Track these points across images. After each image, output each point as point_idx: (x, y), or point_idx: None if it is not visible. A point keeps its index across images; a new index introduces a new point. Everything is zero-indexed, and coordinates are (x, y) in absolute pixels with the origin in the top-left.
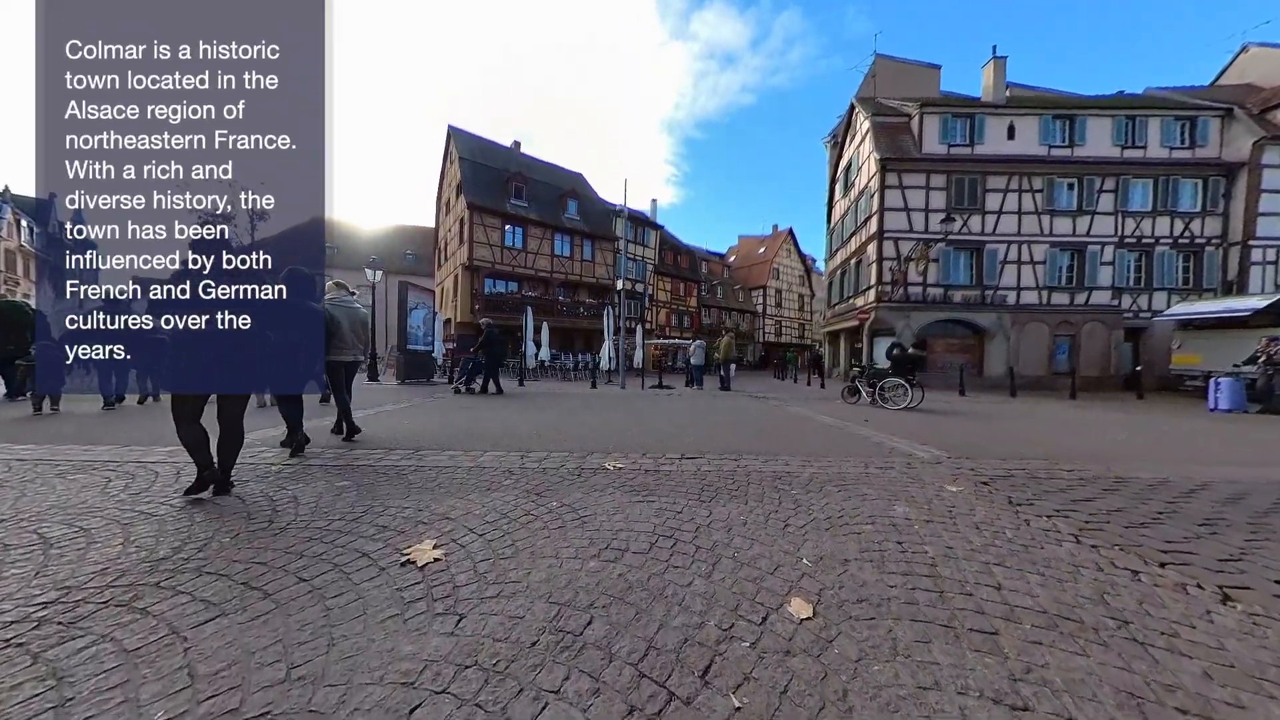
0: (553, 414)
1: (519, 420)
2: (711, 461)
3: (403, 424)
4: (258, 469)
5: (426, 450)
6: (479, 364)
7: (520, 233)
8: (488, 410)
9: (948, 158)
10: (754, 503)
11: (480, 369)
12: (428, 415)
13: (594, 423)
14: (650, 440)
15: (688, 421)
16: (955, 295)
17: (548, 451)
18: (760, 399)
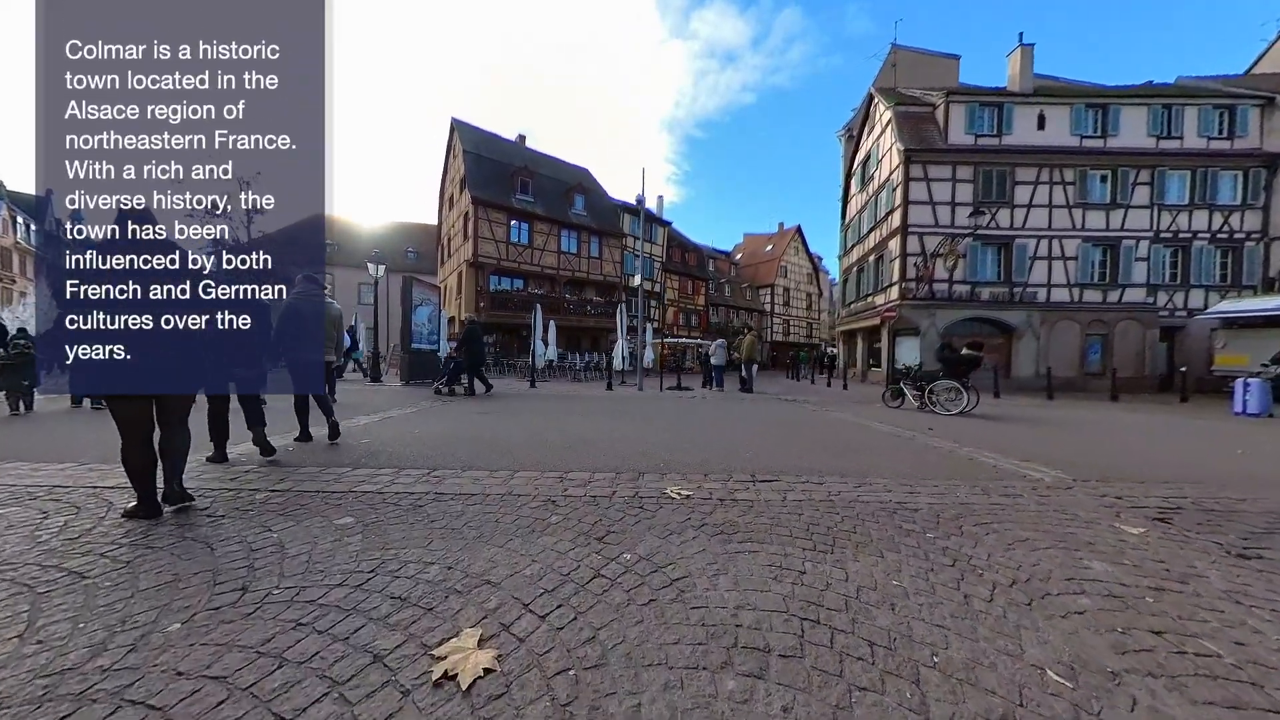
0: (578, 420)
1: (544, 429)
2: (794, 486)
3: (412, 432)
4: (240, 495)
5: (444, 470)
6: (460, 364)
7: (526, 228)
8: (508, 416)
9: (974, 148)
10: (890, 554)
11: (461, 369)
12: (439, 422)
13: (628, 432)
14: (704, 455)
15: (732, 430)
16: (983, 292)
17: (589, 471)
18: (791, 402)
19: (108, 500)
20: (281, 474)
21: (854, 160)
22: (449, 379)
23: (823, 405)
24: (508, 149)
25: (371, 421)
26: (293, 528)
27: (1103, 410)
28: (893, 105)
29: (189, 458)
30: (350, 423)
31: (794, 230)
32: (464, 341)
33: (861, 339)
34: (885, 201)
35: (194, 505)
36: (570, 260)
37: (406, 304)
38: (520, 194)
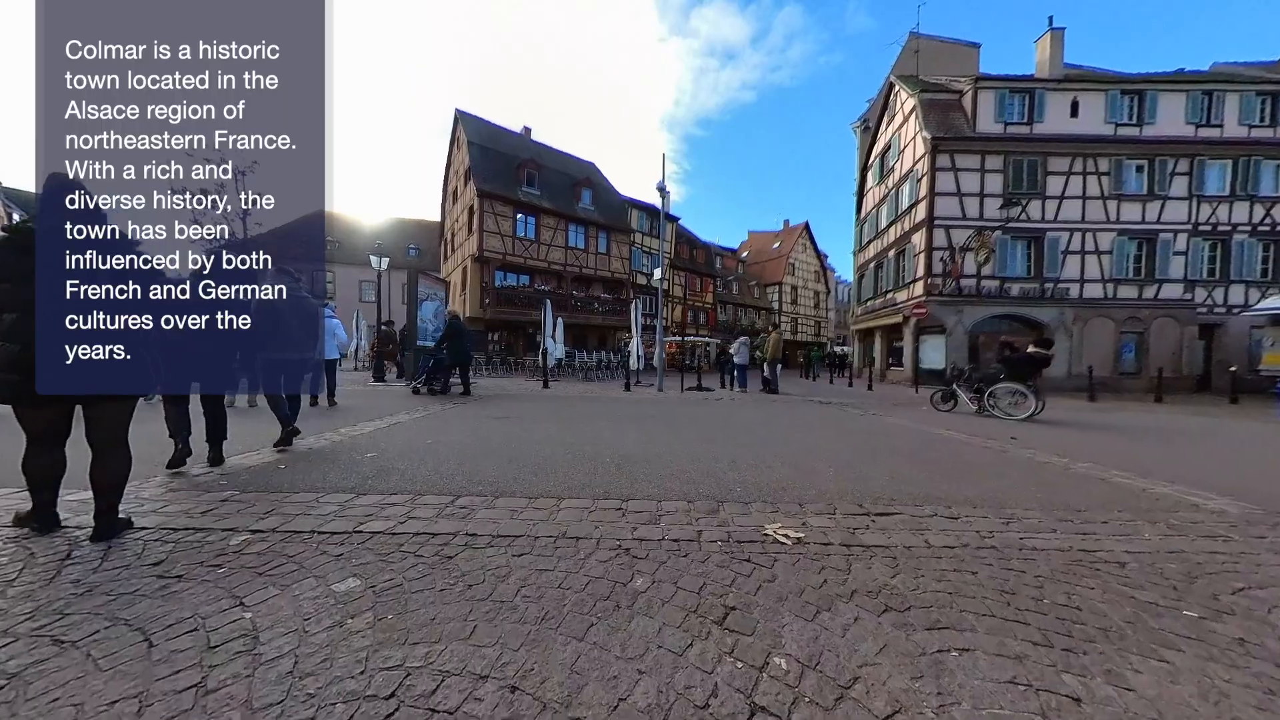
0: (608, 428)
1: (575, 438)
2: (926, 522)
3: (424, 443)
4: (208, 537)
5: (471, 496)
6: (441, 361)
7: (533, 222)
8: (529, 423)
9: (1004, 137)
10: (1171, 653)
11: (443, 366)
12: (453, 429)
13: (672, 442)
14: (779, 474)
15: (790, 440)
16: (1012, 288)
17: (654, 499)
18: (827, 404)
19: (28, 549)
20: (269, 502)
21: (870, 153)
22: (428, 377)
23: (864, 408)
24: (513, 141)
25: (377, 428)
26: (274, 598)
27: (1160, 413)
28: (917, 93)
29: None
30: (354, 430)
31: (801, 227)
32: (446, 337)
33: (880, 337)
34: (908, 194)
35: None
36: (578, 256)
37: (412, 299)
38: (527, 187)
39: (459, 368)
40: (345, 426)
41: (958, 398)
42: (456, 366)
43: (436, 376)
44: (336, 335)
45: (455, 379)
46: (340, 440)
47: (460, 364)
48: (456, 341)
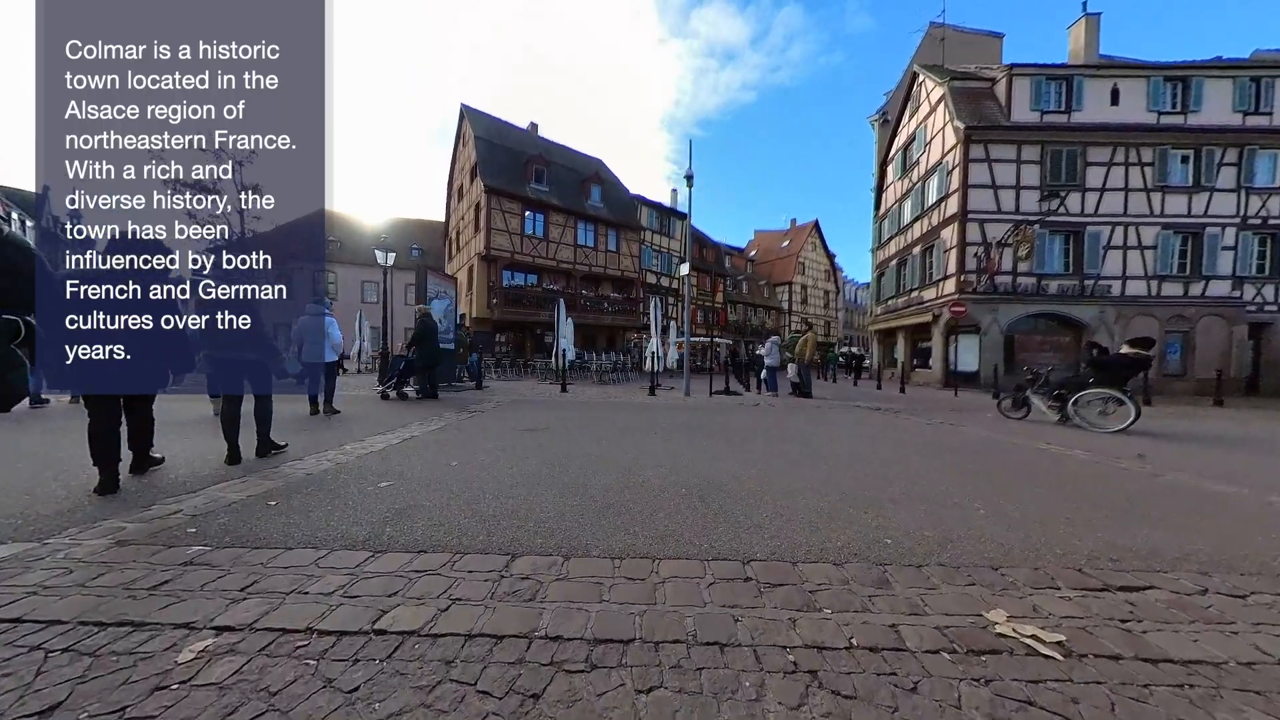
0: (656, 442)
1: (625, 458)
2: (1226, 609)
3: (447, 464)
4: (141, 660)
5: (533, 556)
6: (411, 363)
7: (541, 219)
8: (562, 437)
9: (1041, 126)
10: None
11: (413, 370)
12: (478, 446)
13: (743, 463)
14: (923, 519)
15: (883, 460)
16: (1050, 285)
17: (787, 561)
18: (879, 411)
19: None
20: (248, 569)
21: (891, 146)
22: (397, 380)
23: (920, 414)
24: (520, 137)
25: (389, 444)
26: None
27: (1246, 420)
28: (946, 81)
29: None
30: (361, 446)
31: (811, 226)
32: (418, 337)
33: (904, 338)
34: (936, 187)
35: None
36: (587, 254)
37: (421, 297)
38: (535, 183)
39: (426, 371)
40: (351, 442)
41: (1030, 405)
42: (427, 369)
43: (406, 380)
44: (330, 336)
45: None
46: (346, 461)
47: (428, 367)
48: (426, 343)
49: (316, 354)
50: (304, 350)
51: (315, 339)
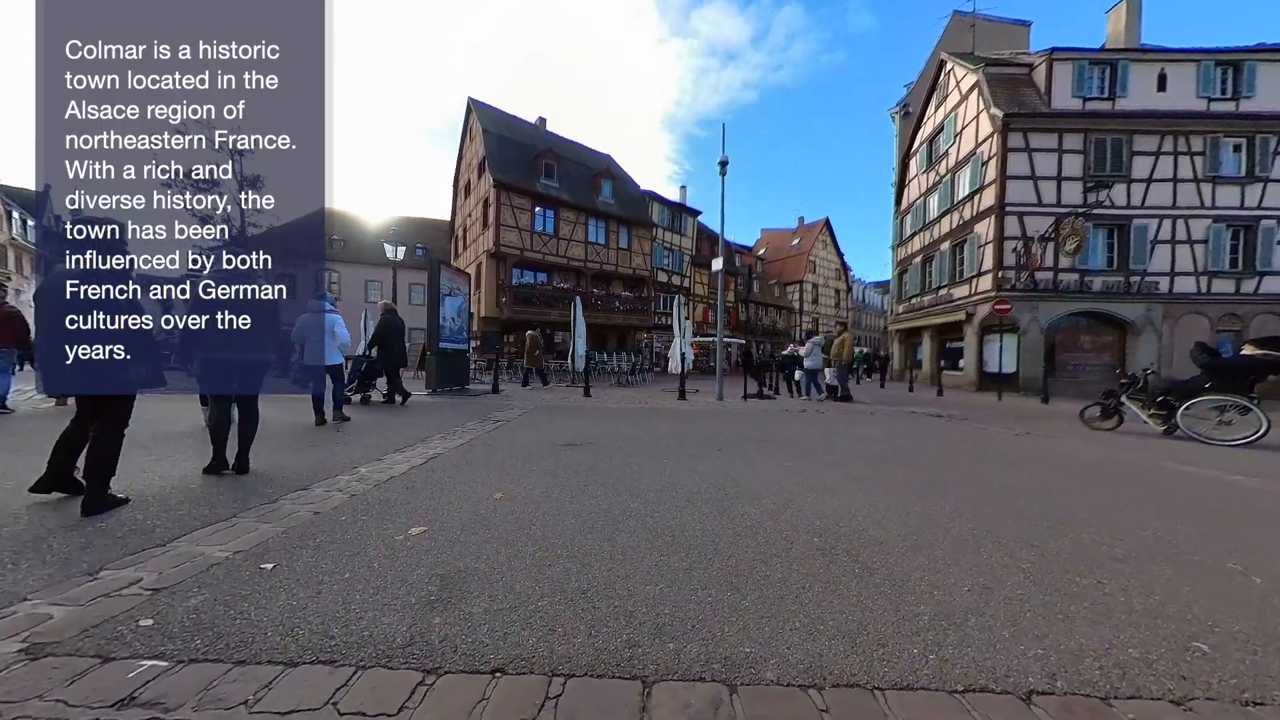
0: (730, 463)
1: (707, 485)
2: None
3: (489, 497)
4: None
5: (673, 680)
6: (374, 365)
7: (551, 216)
8: (618, 454)
9: (1084, 113)
10: None
11: (376, 373)
12: (516, 468)
13: (856, 492)
14: (1190, 594)
15: (1025, 489)
16: (1094, 282)
17: (1108, 700)
18: (945, 418)
19: None
20: (223, 716)
21: (914, 139)
22: (359, 384)
23: (989, 422)
24: (529, 131)
25: (412, 463)
26: None
27: None
28: (980, 67)
29: None
30: (378, 469)
31: (821, 224)
32: (380, 336)
33: (930, 338)
34: (969, 179)
35: None
36: (598, 251)
37: (434, 292)
38: (545, 179)
39: (389, 374)
40: (367, 463)
41: (1121, 414)
42: (391, 371)
43: (370, 384)
44: (336, 335)
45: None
46: (362, 492)
47: (392, 369)
48: (391, 343)
49: (318, 355)
50: (305, 351)
51: (317, 338)
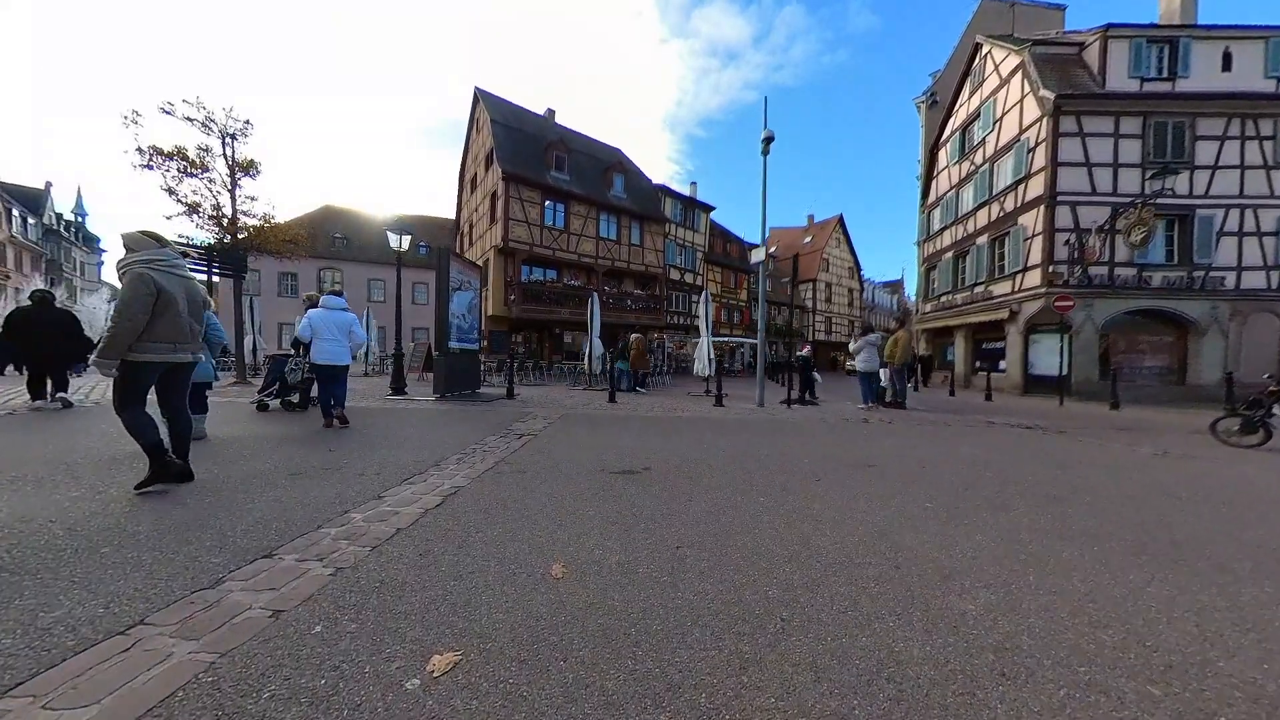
0: (849, 500)
1: (834, 545)
2: None
3: (547, 578)
4: None
5: None
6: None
7: (562, 210)
8: (688, 486)
9: (1142, 95)
10: None
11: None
12: (564, 511)
13: (1069, 565)
14: None
15: (1233, 543)
16: (1153, 277)
17: None
18: (1041, 431)
19: None
20: None
21: (943, 129)
22: (280, 387)
23: (1090, 436)
24: (538, 123)
25: (424, 505)
26: None
27: None
28: (1026, 47)
29: None
30: (379, 514)
31: (835, 221)
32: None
33: (964, 338)
34: (1012, 167)
35: None
36: (609, 248)
37: (443, 286)
38: (555, 171)
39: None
40: (362, 503)
41: (1270, 428)
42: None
43: (292, 388)
44: (354, 335)
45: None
46: (352, 564)
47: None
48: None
49: (335, 354)
50: (316, 349)
51: (331, 335)
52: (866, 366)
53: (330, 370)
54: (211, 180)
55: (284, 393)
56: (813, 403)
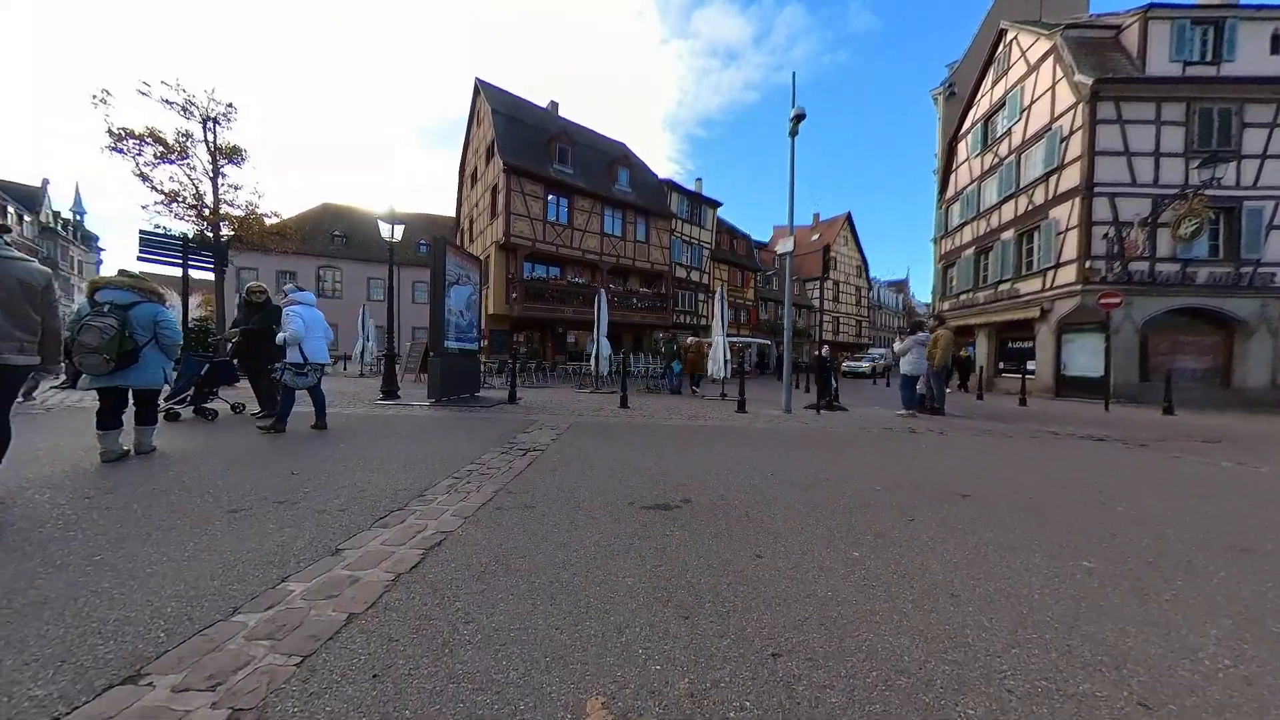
0: (1013, 576)
1: (984, 637)
2: None
3: None
4: None
5: None
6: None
7: (565, 204)
8: (770, 554)
9: (1185, 79)
10: None
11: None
12: (597, 570)
13: None
14: None
15: None
16: (1197, 273)
17: None
18: (1117, 443)
19: None
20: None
21: (963, 120)
22: (195, 392)
23: (1169, 448)
24: (541, 115)
25: (397, 568)
26: None
27: None
28: (1060, 30)
29: None
30: (331, 589)
31: (843, 219)
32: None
33: (987, 337)
34: (1043, 158)
35: None
36: (614, 244)
37: (438, 279)
38: (558, 164)
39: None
40: (311, 564)
41: None
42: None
43: (210, 393)
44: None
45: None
46: (265, 678)
47: (254, 374)
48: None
49: (325, 353)
50: (310, 349)
51: (318, 333)
52: (913, 369)
53: (320, 371)
54: (192, 168)
55: (196, 400)
56: (840, 408)
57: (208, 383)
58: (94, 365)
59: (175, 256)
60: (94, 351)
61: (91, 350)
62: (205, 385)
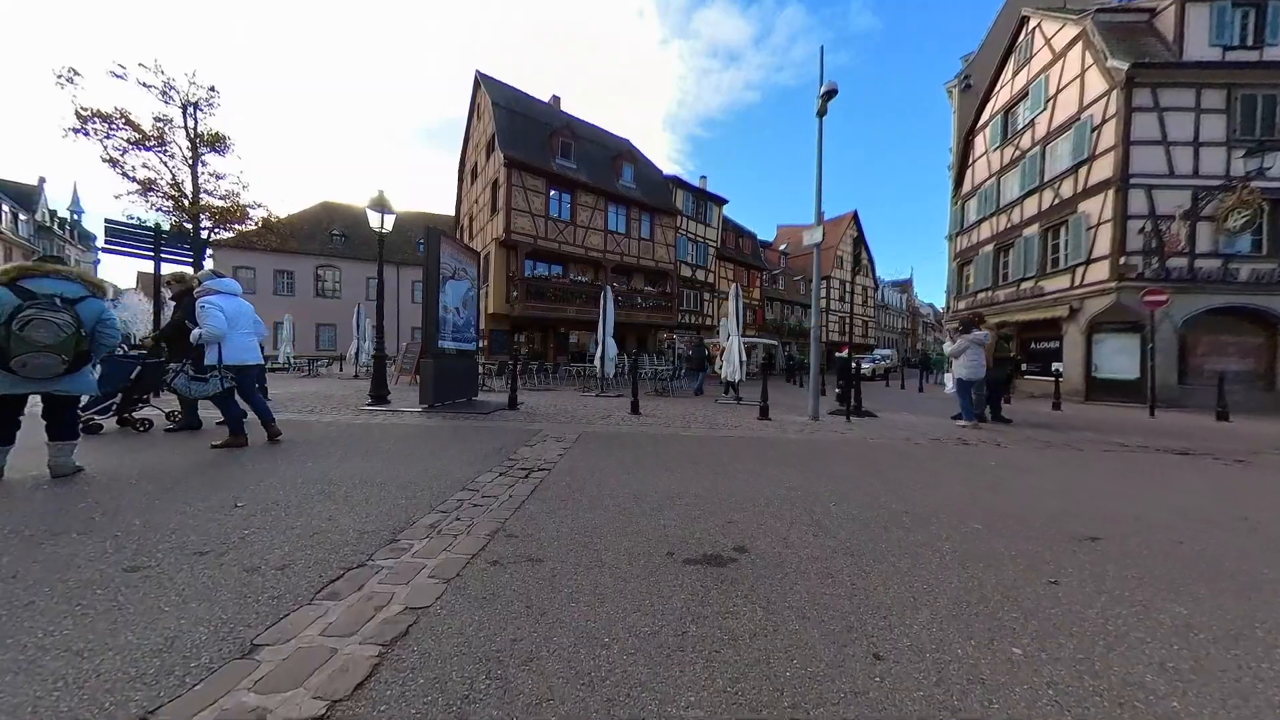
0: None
1: None
2: None
3: None
4: None
5: None
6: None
7: (568, 200)
8: (871, 617)
9: (1225, 64)
10: None
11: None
12: (641, 700)
13: None
14: None
15: None
16: (1239, 270)
17: None
18: (1203, 457)
19: None
20: None
21: (981, 113)
22: (123, 399)
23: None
24: (543, 109)
25: (336, 676)
26: None
27: None
28: (1090, 14)
29: None
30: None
31: (849, 217)
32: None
33: (1010, 338)
34: (1071, 149)
35: None
36: (618, 241)
37: (432, 273)
38: (561, 159)
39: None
40: (199, 684)
41: None
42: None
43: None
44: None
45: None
46: None
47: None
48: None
49: (253, 350)
50: (231, 347)
51: (246, 328)
52: (970, 374)
53: (249, 372)
54: (170, 155)
55: (126, 405)
56: (869, 414)
57: (138, 388)
58: (45, 366)
59: (146, 248)
60: (49, 350)
61: (45, 349)
62: (135, 391)
